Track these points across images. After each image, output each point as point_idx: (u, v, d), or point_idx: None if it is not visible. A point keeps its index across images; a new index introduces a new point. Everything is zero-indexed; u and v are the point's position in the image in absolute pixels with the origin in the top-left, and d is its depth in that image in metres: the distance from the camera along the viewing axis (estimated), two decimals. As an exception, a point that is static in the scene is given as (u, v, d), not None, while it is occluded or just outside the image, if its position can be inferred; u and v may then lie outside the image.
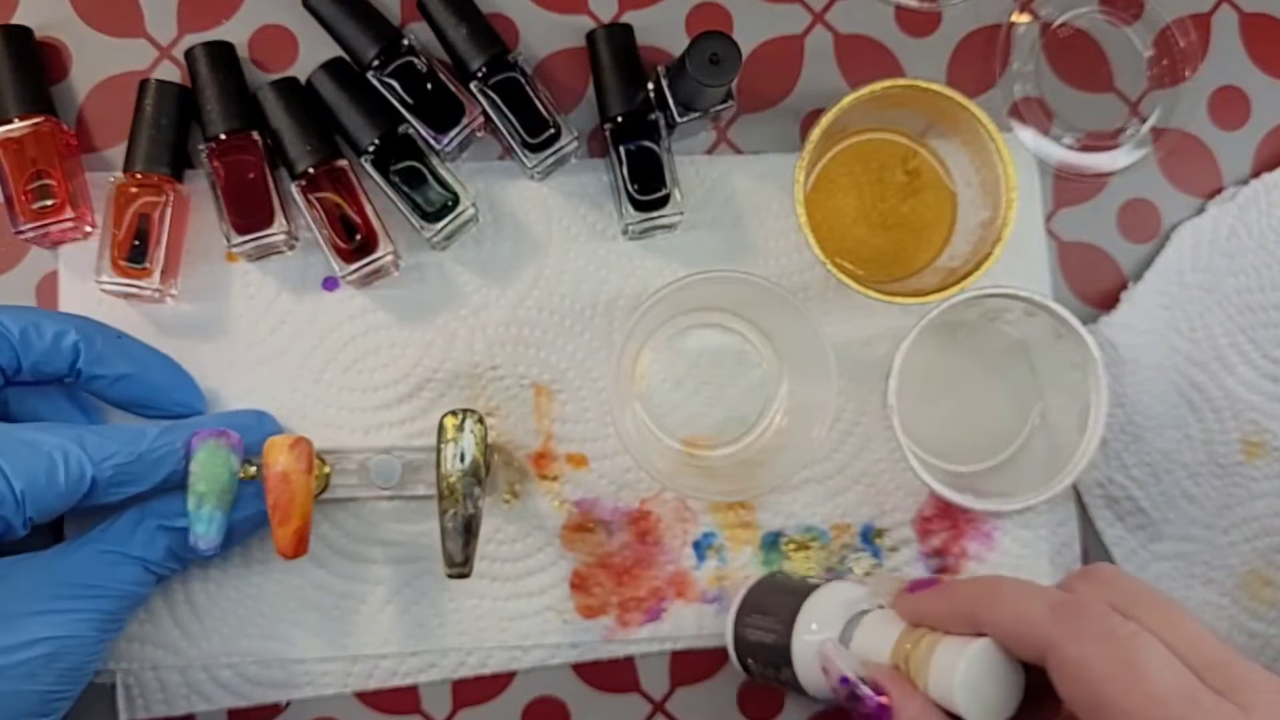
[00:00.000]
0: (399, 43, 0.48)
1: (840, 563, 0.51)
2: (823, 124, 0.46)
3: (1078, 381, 0.47)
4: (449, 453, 0.44)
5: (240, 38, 0.50)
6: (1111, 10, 0.52)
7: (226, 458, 0.41)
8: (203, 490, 0.41)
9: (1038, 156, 0.52)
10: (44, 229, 0.46)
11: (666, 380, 0.51)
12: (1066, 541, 0.51)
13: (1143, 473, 0.50)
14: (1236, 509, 0.49)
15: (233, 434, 0.42)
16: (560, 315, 0.50)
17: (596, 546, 0.50)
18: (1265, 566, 0.49)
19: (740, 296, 0.49)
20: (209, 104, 0.47)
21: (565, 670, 0.50)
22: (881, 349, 0.50)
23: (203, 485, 0.41)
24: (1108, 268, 0.52)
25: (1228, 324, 0.50)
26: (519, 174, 0.50)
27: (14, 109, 0.47)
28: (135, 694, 0.48)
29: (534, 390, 0.50)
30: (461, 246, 0.50)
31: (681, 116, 0.48)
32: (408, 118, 0.47)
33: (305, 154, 0.47)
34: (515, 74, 0.48)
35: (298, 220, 0.49)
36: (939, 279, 0.48)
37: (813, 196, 0.50)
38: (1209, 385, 0.50)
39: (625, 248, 0.50)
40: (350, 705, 0.49)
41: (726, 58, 0.44)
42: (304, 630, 0.49)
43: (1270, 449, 0.49)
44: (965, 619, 0.37)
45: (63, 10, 0.50)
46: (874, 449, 0.51)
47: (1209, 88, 0.52)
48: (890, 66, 0.52)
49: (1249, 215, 0.50)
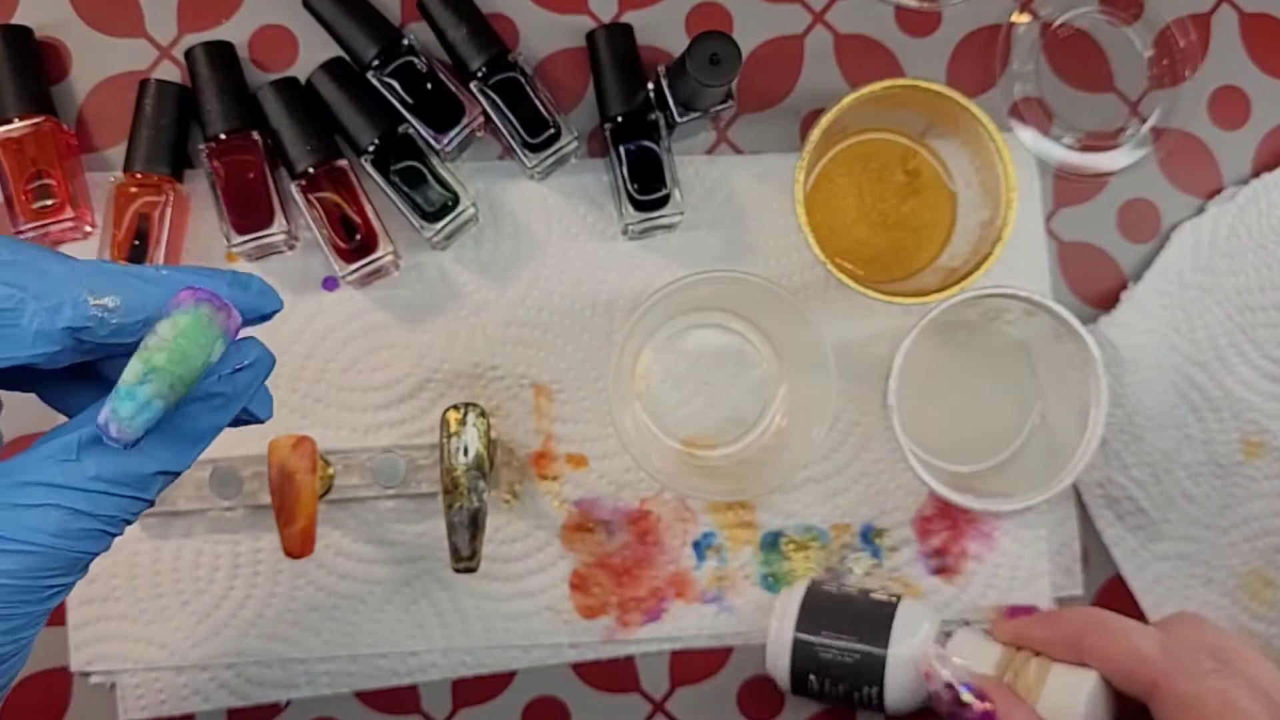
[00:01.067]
0: (399, 43, 0.48)
1: (840, 563, 0.51)
2: (823, 124, 0.46)
3: (1078, 381, 0.47)
4: (452, 447, 0.44)
5: (240, 38, 0.50)
6: (1111, 10, 0.52)
7: (213, 337, 0.28)
8: (158, 363, 0.27)
9: (1038, 156, 0.52)
10: (44, 229, 0.46)
11: (666, 380, 0.51)
12: (1066, 541, 0.51)
13: (1143, 473, 0.50)
14: (1236, 509, 0.49)
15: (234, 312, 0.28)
16: (560, 315, 0.50)
17: (596, 546, 0.50)
18: (1265, 566, 0.49)
19: (740, 296, 0.49)
20: (209, 104, 0.47)
21: (565, 670, 0.50)
22: (881, 349, 0.50)
23: (162, 357, 0.27)
24: (1108, 268, 0.52)
25: (1228, 324, 0.50)
26: (519, 174, 0.50)
27: (14, 109, 0.47)
28: (135, 694, 0.48)
29: (534, 390, 0.50)
30: (461, 246, 0.50)
31: (681, 116, 0.48)
32: (408, 118, 0.47)
33: (305, 154, 0.47)
34: (515, 74, 0.48)
35: (298, 220, 0.49)
36: (939, 279, 0.48)
37: (813, 196, 0.50)
38: (1209, 385, 0.50)
39: (625, 248, 0.50)
40: (350, 705, 0.49)
41: (726, 58, 0.44)
42: (304, 630, 0.49)
43: (1270, 449, 0.49)
44: (1071, 647, 0.41)
45: (63, 10, 0.50)
46: (874, 449, 0.51)
47: (1209, 88, 0.52)
48: (890, 66, 0.52)
49: (1249, 215, 0.50)
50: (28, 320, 0.26)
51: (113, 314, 0.27)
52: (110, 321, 0.27)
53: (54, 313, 0.27)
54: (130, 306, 0.27)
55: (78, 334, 0.27)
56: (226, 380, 0.29)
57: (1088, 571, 0.51)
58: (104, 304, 0.27)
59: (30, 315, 0.26)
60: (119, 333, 0.27)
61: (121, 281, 0.27)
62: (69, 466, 0.27)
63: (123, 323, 0.27)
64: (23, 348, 0.27)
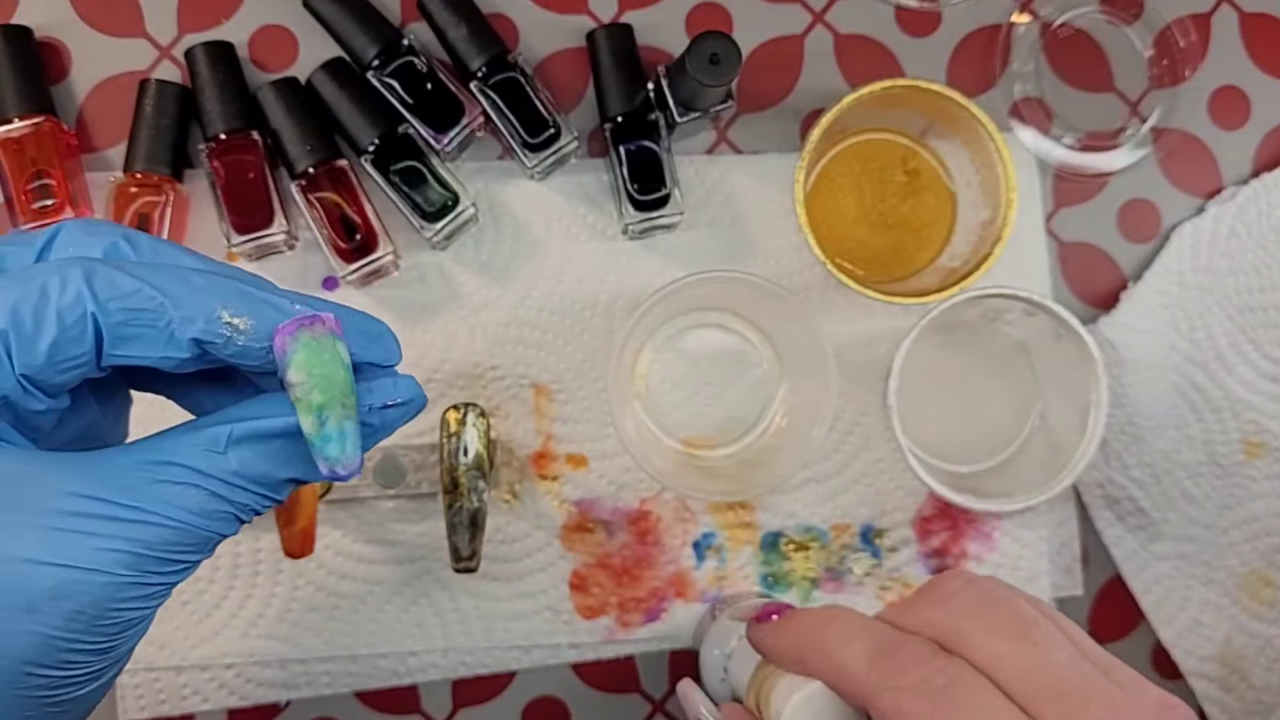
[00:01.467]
0: (399, 43, 0.48)
1: (840, 563, 0.51)
2: (823, 124, 0.46)
3: (1078, 381, 0.47)
4: (452, 447, 0.44)
5: (240, 38, 0.50)
6: (1111, 10, 0.52)
7: (334, 349, 0.30)
8: (320, 401, 0.29)
9: (1038, 156, 0.52)
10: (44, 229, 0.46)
11: (666, 380, 0.51)
12: (1066, 542, 0.51)
13: (1143, 473, 0.50)
14: (1236, 509, 0.49)
15: (328, 317, 0.30)
16: (560, 315, 0.50)
17: (596, 546, 0.50)
18: (1265, 566, 0.49)
19: (740, 296, 0.49)
20: (209, 104, 0.47)
21: (565, 670, 0.50)
22: (881, 349, 0.50)
23: (319, 394, 0.29)
24: (1108, 268, 0.52)
25: (1228, 324, 0.50)
26: (519, 174, 0.50)
27: (14, 109, 0.47)
28: (135, 694, 0.48)
29: (534, 390, 0.50)
30: (461, 246, 0.50)
31: (681, 116, 0.48)
32: (408, 118, 0.47)
33: (305, 154, 0.47)
34: (515, 74, 0.48)
35: (298, 220, 0.49)
36: (939, 279, 0.48)
37: (813, 196, 0.50)
38: (1209, 385, 0.50)
39: (625, 248, 0.50)
40: (350, 705, 0.49)
41: (726, 58, 0.44)
42: (304, 630, 0.49)
43: (1270, 449, 0.49)
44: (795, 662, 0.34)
45: (63, 10, 0.50)
46: (874, 449, 0.51)
47: (1209, 88, 0.52)
48: (890, 66, 0.52)
49: (1249, 215, 0.50)
50: (164, 325, 0.28)
51: (240, 334, 0.28)
52: (236, 342, 0.28)
53: (187, 322, 0.28)
54: (259, 332, 0.28)
55: (204, 346, 0.28)
56: (377, 413, 0.31)
57: (1088, 571, 0.51)
58: (235, 324, 0.28)
59: (166, 321, 0.28)
60: (243, 354, 0.28)
61: (256, 306, 0.29)
62: (215, 458, 0.29)
63: (248, 345, 0.28)
64: (154, 349, 0.28)
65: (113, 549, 0.28)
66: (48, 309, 0.27)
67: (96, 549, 0.28)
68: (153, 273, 0.28)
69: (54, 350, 0.27)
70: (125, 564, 0.28)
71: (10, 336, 0.27)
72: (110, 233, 0.31)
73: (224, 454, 0.29)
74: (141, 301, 0.28)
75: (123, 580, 0.28)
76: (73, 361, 0.28)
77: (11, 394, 0.28)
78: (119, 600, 0.28)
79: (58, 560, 0.27)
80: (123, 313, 0.28)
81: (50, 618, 0.27)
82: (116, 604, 0.28)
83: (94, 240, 0.30)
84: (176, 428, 0.30)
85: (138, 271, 0.28)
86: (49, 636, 0.27)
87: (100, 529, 0.28)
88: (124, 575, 0.28)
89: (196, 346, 0.28)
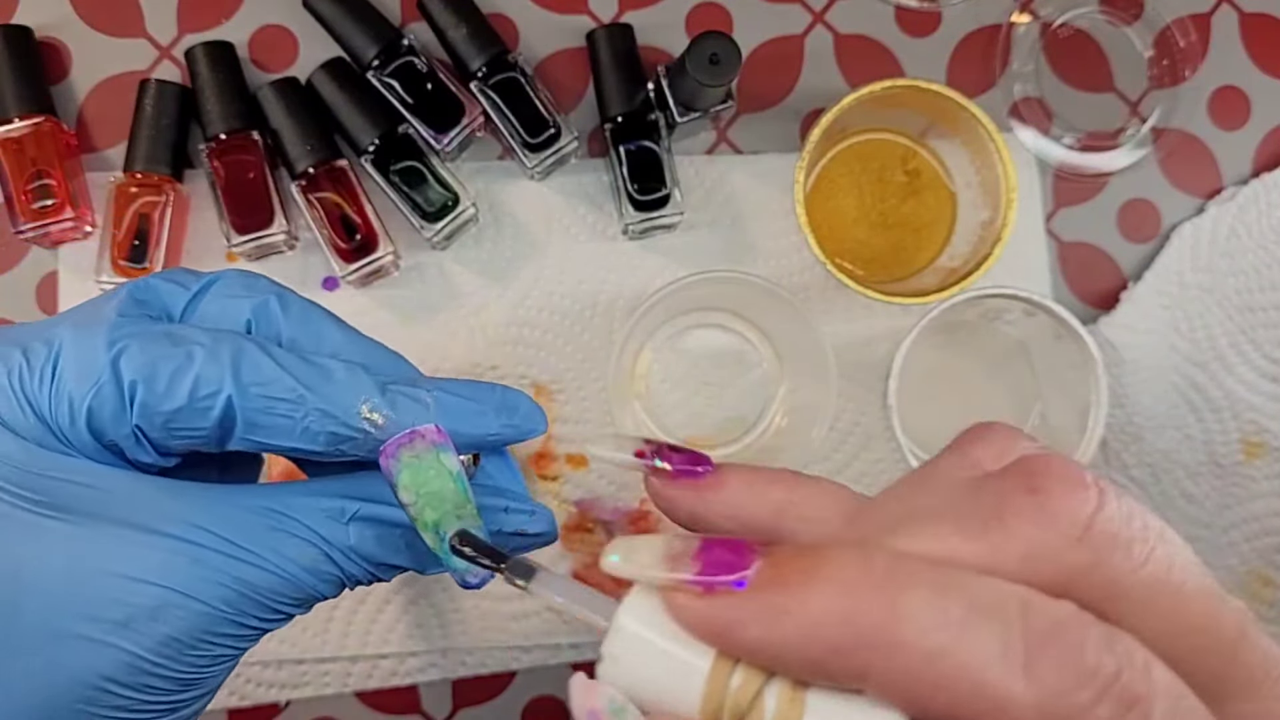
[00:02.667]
0: (399, 43, 0.48)
1: (840, 563, 0.51)
2: (823, 124, 0.46)
3: (1078, 381, 0.47)
4: None
5: (240, 38, 0.50)
6: (1111, 10, 0.52)
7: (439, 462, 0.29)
8: (434, 518, 0.28)
9: (1038, 156, 0.52)
10: (44, 229, 0.46)
11: (666, 380, 0.51)
12: (1066, 541, 0.51)
13: (1143, 473, 0.50)
14: (1236, 509, 0.49)
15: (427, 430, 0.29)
16: (560, 315, 0.50)
17: (596, 546, 0.50)
18: (1265, 566, 0.49)
19: (740, 296, 0.49)
20: (209, 104, 0.47)
21: (565, 670, 0.50)
22: (881, 349, 0.50)
23: (430, 512, 0.28)
24: (1108, 268, 0.52)
25: (1228, 324, 0.50)
26: (519, 174, 0.50)
27: (14, 109, 0.47)
28: (135, 694, 0.48)
29: (534, 390, 0.50)
30: (461, 246, 0.50)
31: (681, 116, 0.48)
32: (408, 118, 0.47)
33: (305, 154, 0.47)
34: (515, 74, 0.48)
35: (298, 220, 0.49)
36: (939, 279, 0.48)
37: (813, 196, 0.50)
38: (1209, 385, 0.50)
39: (625, 248, 0.50)
40: (350, 705, 0.49)
41: (726, 58, 0.44)
42: (304, 630, 0.49)
43: (1270, 449, 0.49)
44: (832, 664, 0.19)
45: (63, 10, 0.50)
46: (874, 449, 0.51)
47: (1209, 88, 0.52)
48: (890, 66, 0.52)
49: (1249, 215, 0.50)
50: (300, 417, 0.28)
51: (379, 431, 0.29)
52: (373, 438, 0.29)
53: (325, 417, 0.28)
54: (395, 427, 0.29)
55: (340, 443, 0.29)
56: (505, 538, 0.31)
57: (1088, 571, 0.51)
58: (373, 419, 0.29)
59: (304, 414, 0.28)
60: (376, 450, 0.28)
61: (395, 400, 0.29)
62: (336, 528, 0.29)
63: (382, 441, 0.28)
64: (287, 439, 0.29)
65: (219, 583, 0.28)
66: (185, 376, 0.28)
67: (203, 579, 0.28)
68: (297, 364, 0.29)
69: (175, 416, 0.28)
70: (227, 600, 0.28)
71: (139, 388, 0.28)
72: (265, 290, 0.31)
73: (345, 526, 0.30)
74: (281, 391, 0.28)
75: (221, 615, 0.28)
76: (190, 433, 0.28)
77: (123, 442, 0.28)
78: (212, 634, 0.28)
79: (163, 582, 0.27)
80: (262, 400, 0.28)
81: (143, 637, 0.27)
82: (209, 637, 0.29)
83: (248, 295, 0.31)
84: (299, 485, 0.30)
85: (283, 359, 0.29)
86: (137, 655, 0.27)
87: (211, 561, 0.28)
88: (223, 610, 0.28)
89: (333, 441, 0.29)
